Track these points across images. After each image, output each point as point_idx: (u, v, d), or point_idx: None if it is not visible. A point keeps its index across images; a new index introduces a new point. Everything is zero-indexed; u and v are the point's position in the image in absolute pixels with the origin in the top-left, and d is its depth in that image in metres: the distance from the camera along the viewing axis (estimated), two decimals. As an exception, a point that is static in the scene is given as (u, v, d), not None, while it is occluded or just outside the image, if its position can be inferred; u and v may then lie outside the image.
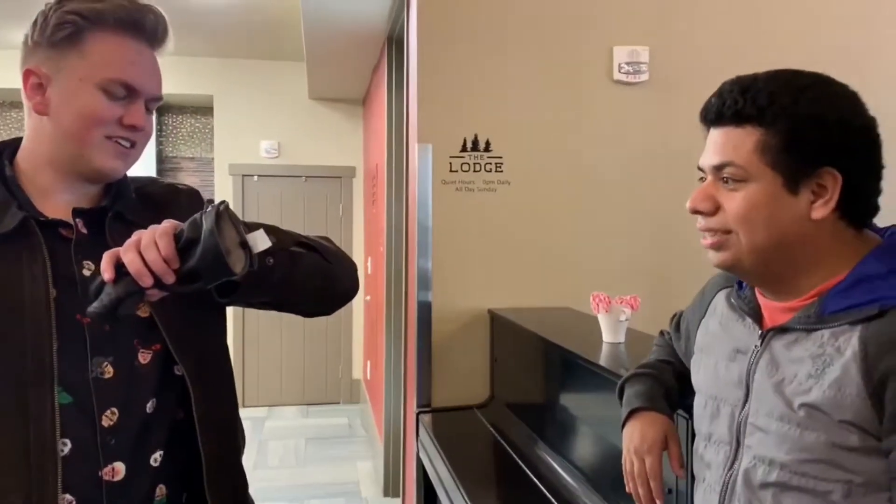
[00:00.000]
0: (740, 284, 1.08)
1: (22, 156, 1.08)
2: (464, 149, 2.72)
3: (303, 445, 5.18)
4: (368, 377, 5.55)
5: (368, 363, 5.57)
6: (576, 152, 2.79)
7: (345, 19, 3.74)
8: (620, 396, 1.27)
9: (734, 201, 0.93)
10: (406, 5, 3.00)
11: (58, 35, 1.02)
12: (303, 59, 4.84)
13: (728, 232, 0.95)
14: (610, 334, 1.97)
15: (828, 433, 0.86)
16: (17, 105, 5.79)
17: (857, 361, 0.84)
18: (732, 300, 1.07)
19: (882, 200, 0.96)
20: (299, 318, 1.25)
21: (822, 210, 0.91)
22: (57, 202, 1.06)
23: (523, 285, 2.74)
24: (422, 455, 2.58)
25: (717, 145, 0.95)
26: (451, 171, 2.71)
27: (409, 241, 2.95)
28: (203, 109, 6.31)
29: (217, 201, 0.93)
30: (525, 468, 2.05)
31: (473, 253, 2.73)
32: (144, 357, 1.06)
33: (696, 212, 0.98)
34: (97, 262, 1.01)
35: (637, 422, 1.18)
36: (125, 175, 1.14)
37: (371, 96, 5.33)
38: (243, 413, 1.28)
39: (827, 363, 0.87)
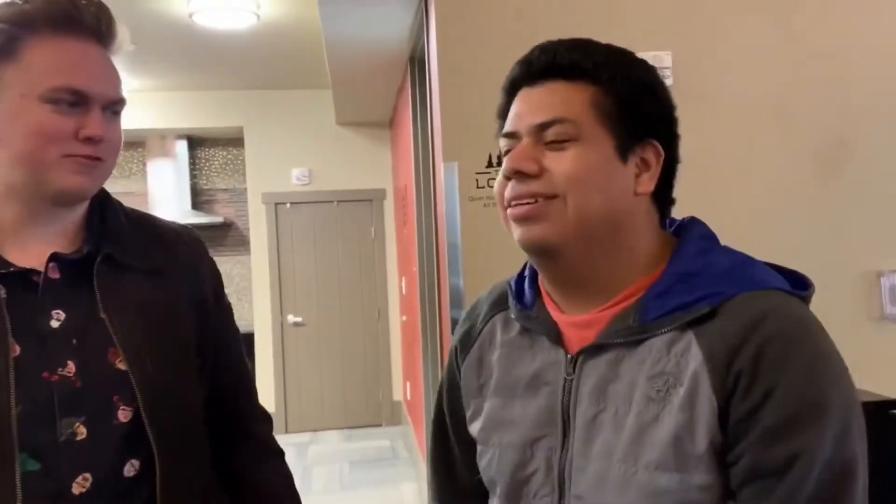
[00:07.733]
0: (519, 300, 0.93)
1: None
2: (489, 164, 2.71)
3: (347, 470, 5.18)
4: (408, 398, 5.55)
5: (408, 384, 5.57)
6: (603, 161, 2.76)
7: (366, 43, 3.78)
8: None
9: (563, 161, 0.80)
10: (426, 25, 3.02)
11: None
12: (328, 86, 4.90)
13: (552, 197, 0.80)
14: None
15: (685, 467, 0.73)
16: None
17: (707, 371, 0.73)
18: (518, 322, 0.92)
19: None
20: (338, 342, 1.21)
21: (647, 184, 0.83)
22: (30, 244, 0.95)
23: (557, 298, 2.71)
24: (463, 475, 2.55)
25: (541, 103, 0.84)
26: (477, 187, 2.70)
27: (440, 260, 2.94)
28: (234, 141, 6.43)
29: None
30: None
31: (504, 267, 2.67)
32: (125, 414, 0.94)
33: (517, 174, 0.82)
34: (70, 310, 0.93)
35: None
36: (114, 206, 1.03)
37: (397, 118, 5.37)
38: (287, 439, 1.26)
39: (671, 383, 0.75)
